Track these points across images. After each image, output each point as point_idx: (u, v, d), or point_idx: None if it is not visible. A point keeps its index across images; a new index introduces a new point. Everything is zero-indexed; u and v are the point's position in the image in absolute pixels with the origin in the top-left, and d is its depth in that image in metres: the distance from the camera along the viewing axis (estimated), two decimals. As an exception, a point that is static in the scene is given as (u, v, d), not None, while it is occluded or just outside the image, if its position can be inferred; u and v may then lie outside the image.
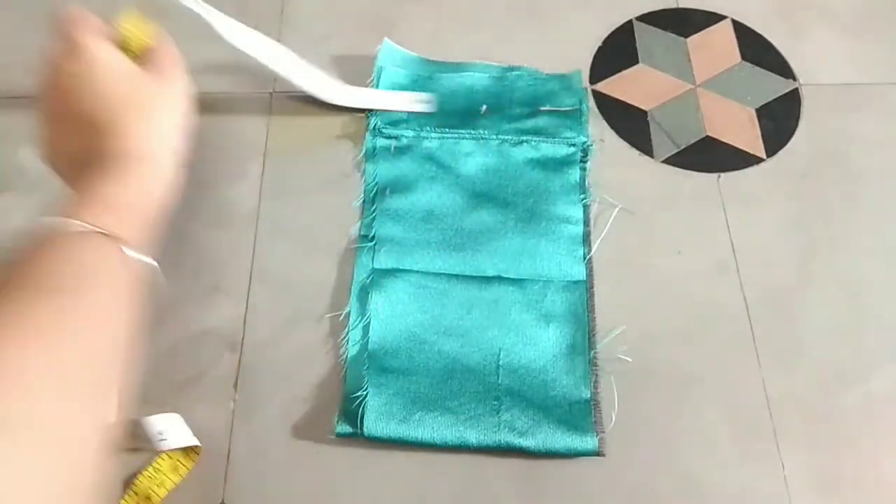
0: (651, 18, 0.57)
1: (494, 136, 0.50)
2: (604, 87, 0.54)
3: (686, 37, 0.56)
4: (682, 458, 0.40)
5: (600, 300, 0.44)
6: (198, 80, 0.54)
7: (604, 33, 0.56)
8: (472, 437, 0.39)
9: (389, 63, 0.53)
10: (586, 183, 0.48)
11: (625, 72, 0.54)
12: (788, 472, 0.40)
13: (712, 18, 0.57)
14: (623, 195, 0.48)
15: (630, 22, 0.57)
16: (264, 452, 0.40)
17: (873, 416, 0.41)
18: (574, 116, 0.51)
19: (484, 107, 0.51)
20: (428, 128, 0.50)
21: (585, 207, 0.47)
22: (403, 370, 0.41)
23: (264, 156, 0.50)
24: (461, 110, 0.51)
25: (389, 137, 0.50)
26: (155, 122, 0.38)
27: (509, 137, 0.50)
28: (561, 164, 0.49)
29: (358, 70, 0.53)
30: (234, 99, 0.53)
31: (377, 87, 0.52)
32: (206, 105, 0.53)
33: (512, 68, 0.53)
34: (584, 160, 0.49)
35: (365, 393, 0.40)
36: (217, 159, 0.50)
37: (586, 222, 0.47)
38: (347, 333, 0.43)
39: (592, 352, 0.42)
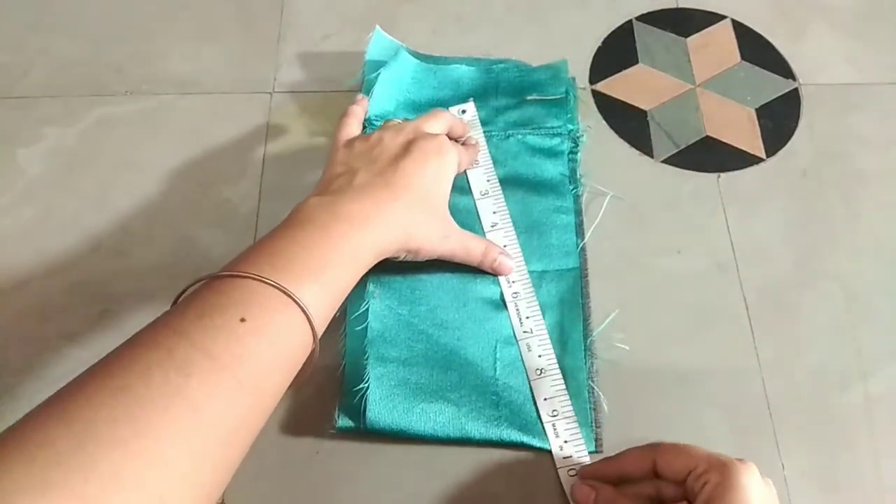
0: (651, 18, 0.57)
1: (484, 128, 0.50)
2: (604, 87, 0.54)
3: (686, 37, 0.56)
4: (682, 458, 0.40)
5: (599, 300, 0.44)
6: (198, 80, 0.54)
7: (604, 33, 0.56)
8: (474, 430, 0.39)
9: (379, 55, 0.52)
10: (577, 173, 0.48)
11: (625, 72, 0.54)
12: (788, 472, 0.40)
13: (712, 18, 0.57)
14: (622, 195, 0.48)
15: (630, 22, 0.57)
16: (264, 449, 0.40)
17: (872, 415, 0.41)
18: (561, 105, 0.50)
19: (471, 99, 0.51)
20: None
21: (576, 197, 0.47)
22: (403, 360, 0.41)
23: (264, 156, 0.51)
24: (449, 103, 0.51)
25: None
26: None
27: (499, 129, 0.50)
28: (550, 153, 0.49)
29: (357, 70, 0.53)
30: (234, 99, 0.53)
31: (369, 84, 0.51)
32: (207, 105, 0.53)
33: (499, 61, 0.53)
34: (573, 150, 0.49)
35: (366, 385, 0.40)
36: (217, 159, 0.50)
37: (578, 212, 0.47)
38: (345, 328, 0.43)
39: (589, 340, 0.42)
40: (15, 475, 0.23)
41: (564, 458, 0.39)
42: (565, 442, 0.40)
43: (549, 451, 0.40)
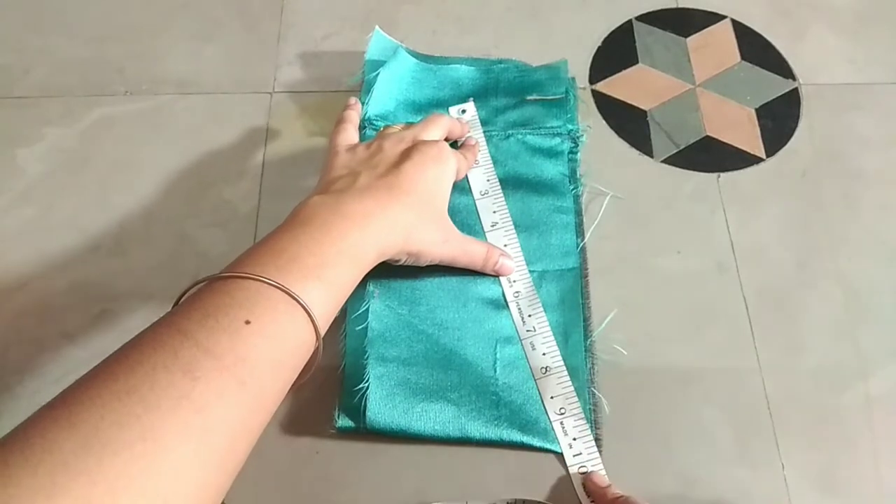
0: (651, 18, 0.57)
1: (484, 128, 0.50)
2: (604, 87, 0.54)
3: (686, 37, 0.56)
4: (681, 458, 0.40)
5: (598, 300, 0.44)
6: (198, 80, 0.54)
7: (604, 33, 0.56)
8: (474, 430, 0.39)
9: (379, 55, 0.52)
10: (577, 173, 0.48)
11: (625, 72, 0.54)
12: (788, 471, 0.40)
13: (712, 18, 0.57)
14: (622, 195, 0.48)
15: (630, 22, 0.57)
16: (264, 450, 0.40)
17: (872, 415, 0.41)
18: (561, 105, 0.50)
19: (471, 99, 0.51)
20: (417, 120, 0.50)
21: (576, 197, 0.47)
22: (403, 359, 0.41)
23: (264, 156, 0.51)
24: (449, 103, 0.51)
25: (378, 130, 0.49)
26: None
27: (499, 129, 0.50)
28: (550, 153, 0.49)
29: (357, 70, 0.53)
30: (234, 99, 0.53)
31: (369, 84, 0.51)
32: (207, 105, 0.53)
33: (499, 61, 0.53)
34: (573, 150, 0.49)
35: (366, 385, 0.40)
36: (217, 159, 0.50)
37: (578, 212, 0.47)
38: (345, 328, 0.43)
39: (589, 340, 0.42)
40: (21, 479, 0.23)
41: (574, 455, 0.39)
42: (574, 440, 0.40)
43: (549, 451, 0.39)
